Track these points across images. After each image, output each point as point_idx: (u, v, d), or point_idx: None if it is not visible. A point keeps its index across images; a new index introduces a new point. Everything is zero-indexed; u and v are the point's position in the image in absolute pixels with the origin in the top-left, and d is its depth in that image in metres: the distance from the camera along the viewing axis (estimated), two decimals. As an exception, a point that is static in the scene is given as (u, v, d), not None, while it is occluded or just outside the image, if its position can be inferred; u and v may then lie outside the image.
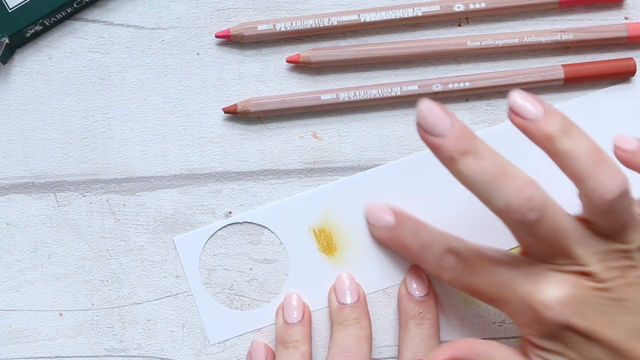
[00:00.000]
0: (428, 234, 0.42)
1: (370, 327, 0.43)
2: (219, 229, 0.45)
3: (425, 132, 0.36)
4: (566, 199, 0.45)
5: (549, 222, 0.36)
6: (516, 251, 0.41)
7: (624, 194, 0.36)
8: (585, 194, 0.36)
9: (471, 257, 0.40)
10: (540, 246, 0.37)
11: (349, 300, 0.43)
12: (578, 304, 0.36)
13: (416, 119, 0.36)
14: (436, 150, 0.36)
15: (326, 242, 0.45)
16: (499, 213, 0.36)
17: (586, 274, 0.37)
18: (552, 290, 0.37)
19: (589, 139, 0.36)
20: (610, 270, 0.37)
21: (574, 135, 0.36)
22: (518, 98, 0.36)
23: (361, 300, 0.44)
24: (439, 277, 0.41)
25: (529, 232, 0.36)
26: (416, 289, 0.43)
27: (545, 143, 0.36)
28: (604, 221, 0.36)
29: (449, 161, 0.36)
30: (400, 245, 0.43)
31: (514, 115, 0.37)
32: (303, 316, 0.43)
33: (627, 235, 0.37)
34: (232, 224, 0.45)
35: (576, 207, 0.38)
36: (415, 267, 0.44)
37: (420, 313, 0.43)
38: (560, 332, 0.37)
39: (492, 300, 0.39)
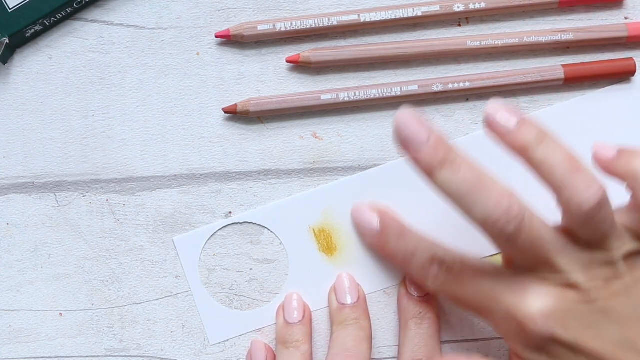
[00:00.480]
0: (412, 241, 0.42)
1: (370, 327, 0.43)
2: (219, 229, 0.45)
3: (402, 144, 0.36)
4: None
5: (529, 233, 0.36)
6: (500, 260, 0.41)
7: (602, 203, 0.35)
8: (562, 204, 0.36)
9: (455, 267, 0.40)
10: (521, 257, 0.37)
11: (349, 300, 0.43)
12: (562, 316, 0.36)
13: (393, 130, 0.36)
14: (414, 162, 0.36)
15: (326, 242, 0.45)
16: (478, 224, 0.36)
17: (570, 285, 0.36)
18: (535, 302, 0.36)
19: (565, 148, 0.36)
20: (594, 281, 0.36)
21: (549, 145, 0.36)
22: (493, 109, 0.36)
23: (361, 301, 0.44)
24: (424, 286, 0.41)
25: (508, 243, 0.36)
26: (415, 288, 0.43)
27: (521, 153, 0.36)
28: (584, 230, 0.36)
29: (426, 173, 0.36)
30: (385, 253, 0.43)
31: (489, 126, 0.37)
32: (304, 316, 0.43)
33: (608, 244, 0.37)
34: (232, 224, 0.45)
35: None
36: None
37: (420, 313, 0.43)
38: (545, 344, 0.36)
39: (476, 310, 0.39)
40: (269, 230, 0.45)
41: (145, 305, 0.45)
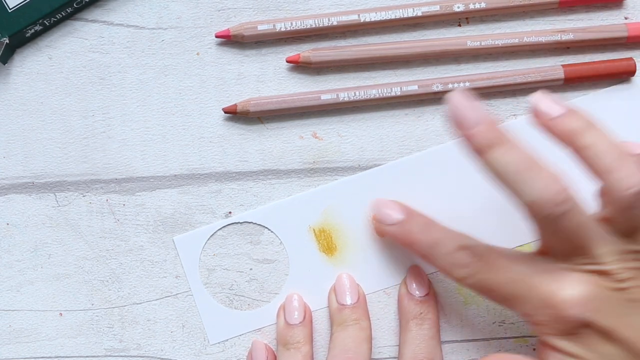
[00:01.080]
0: (439, 231, 0.41)
1: (370, 328, 0.43)
2: (219, 229, 0.45)
3: (456, 124, 0.37)
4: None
5: (574, 218, 0.36)
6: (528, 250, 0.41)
7: None
8: (607, 188, 0.36)
9: (485, 254, 0.39)
10: (561, 243, 0.37)
11: (348, 301, 0.43)
12: (598, 303, 0.36)
13: (447, 112, 0.37)
14: (467, 141, 0.37)
15: (326, 242, 0.45)
16: (527, 205, 0.36)
17: (604, 273, 0.37)
18: (572, 289, 0.37)
19: (611, 135, 0.37)
20: (628, 271, 0.37)
21: (597, 131, 0.37)
22: (538, 99, 0.38)
23: (361, 301, 0.44)
24: (450, 275, 0.40)
25: (553, 226, 0.36)
26: (416, 288, 0.43)
27: (570, 138, 0.37)
28: (624, 218, 0.36)
29: (479, 152, 0.36)
30: (408, 242, 0.42)
31: (536, 114, 0.38)
32: (304, 317, 0.43)
33: None
34: (232, 224, 0.45)
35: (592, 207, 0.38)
36: (415, 267, 0.44)
37: (421, 313, 0.43)
38: (580, 331, 0.36)
39: (506, 299, 0.39)
40: (269, 230, 0.45)
41: (145, 305, 0.45)
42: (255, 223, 0.45)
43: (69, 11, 0.45)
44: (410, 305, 0.43)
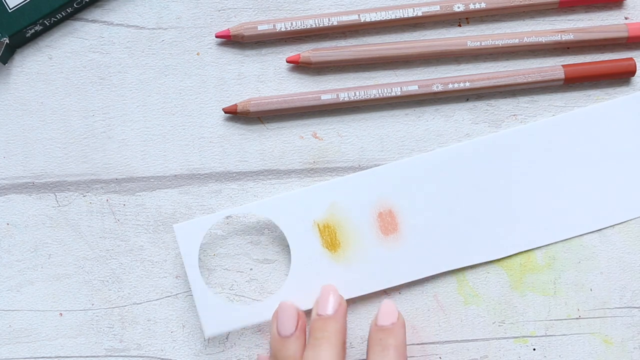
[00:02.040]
0: None
1: (342, 344, 0.41)
2: (221, 219, 0.45)
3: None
4: (570, 203, 0.45)
5: None
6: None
7: None
8: None
9: None
10: None
11: (325, 311, 0.42)
12: None
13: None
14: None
15: (330, 238, 0.45)
16: None
17: None
18: None
19: None
20: None
21: None
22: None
23: (337, 315, 0.42)
24: None
25: None
26: (380, 318, 0.42)
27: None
28: None
29: None
30: None
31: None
32: (297, 327, 0.42)
33: None
34: (235, 216, 0.45)
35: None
36: (386, 300, 0.43)
37: (381, 340, 0.41)
38: None
39: None
40: (272, 222, 0.45)
41: (145, 305, 0.45)
42: (259, 215, 0.45)
43: (69, 11, 0.46)
44: (372, 333, 0.42)
